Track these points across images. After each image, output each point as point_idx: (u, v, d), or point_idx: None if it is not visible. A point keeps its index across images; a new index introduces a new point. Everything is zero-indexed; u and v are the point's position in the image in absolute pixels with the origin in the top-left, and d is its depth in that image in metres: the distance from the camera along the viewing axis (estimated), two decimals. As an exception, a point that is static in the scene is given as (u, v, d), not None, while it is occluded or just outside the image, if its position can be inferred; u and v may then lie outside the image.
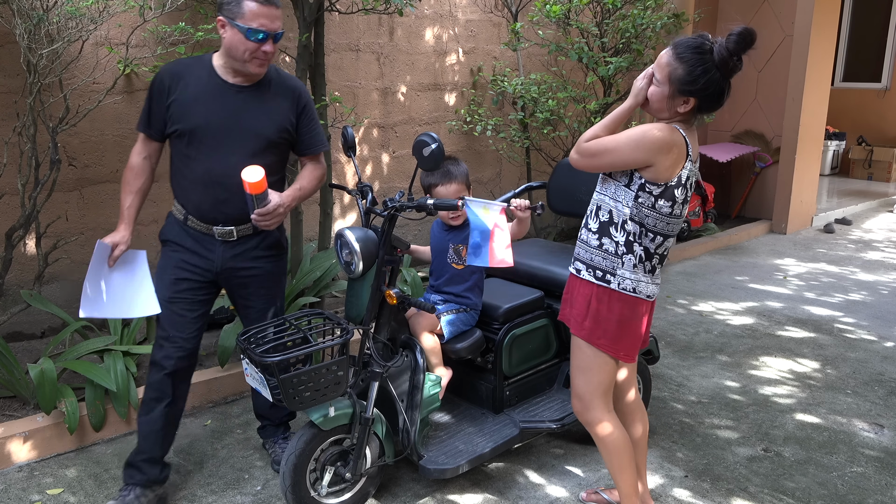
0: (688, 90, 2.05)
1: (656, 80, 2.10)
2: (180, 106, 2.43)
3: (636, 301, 2.21)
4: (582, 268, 2.26)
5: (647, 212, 2.12)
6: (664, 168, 2.07)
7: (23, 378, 3.19)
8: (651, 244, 2.18)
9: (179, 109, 2.43)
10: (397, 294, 2.46)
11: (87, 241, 4.09)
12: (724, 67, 2.03)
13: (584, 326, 2.24)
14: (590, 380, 2.29)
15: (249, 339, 2.39)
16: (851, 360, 4.04)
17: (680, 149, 2.08)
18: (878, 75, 10.16)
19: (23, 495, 2.75)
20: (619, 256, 2.17)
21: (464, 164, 2.83)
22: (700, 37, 2.07)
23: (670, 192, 2.11)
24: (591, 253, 2.23)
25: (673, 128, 2.09)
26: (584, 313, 2.24)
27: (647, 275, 2.20)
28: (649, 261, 2.20)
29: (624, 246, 2.16)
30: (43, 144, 3.62)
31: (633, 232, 2.15)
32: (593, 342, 2.23)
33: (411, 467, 2.81)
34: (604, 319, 2.21)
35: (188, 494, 2.75)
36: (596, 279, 2.21)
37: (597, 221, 2.22)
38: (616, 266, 2.18)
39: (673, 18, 5.00)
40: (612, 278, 2.18)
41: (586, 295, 2.23)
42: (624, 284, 2.18)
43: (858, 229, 7.42)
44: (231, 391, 3.54)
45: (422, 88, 5.47)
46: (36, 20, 3.04)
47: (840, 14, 8.20)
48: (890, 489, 2.81)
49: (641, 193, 2.11)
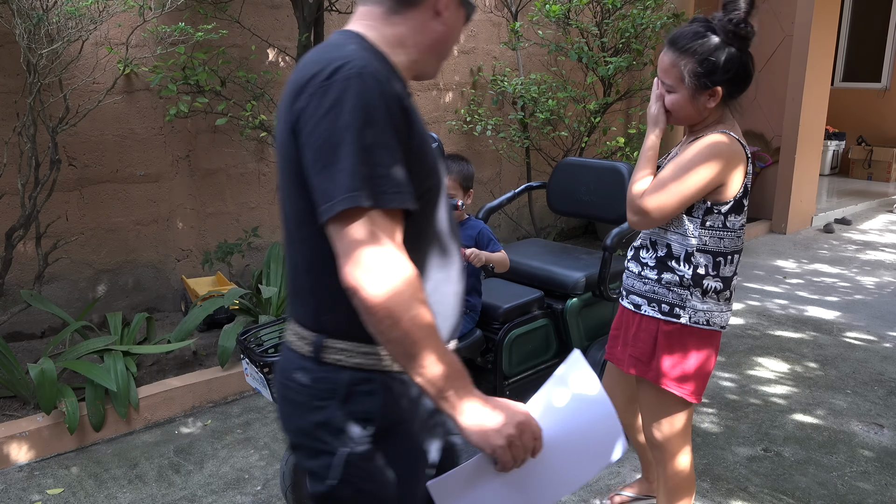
0: (709, 81, 1.83)
1: (669, 88, 1.89)
2: (425, 145, 1.27)
3: (710, 334, 1.97)
4: (642, 302, 2.02)
5: (721, 234, 1.91)
6: (732, 182, 1.88)
7: (23, 378, 3.19)
8: (729, 270, 1.95)
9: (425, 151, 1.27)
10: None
11: (86, 241, 4.09)
12: (737, 38, 1.80)
13: (651, 367, 2.01)
14: (673, 424, 2.04)
15: (249, 338, 2.39)
16: (851, 360, 4.04)
17: (740, 155, 1.88)
18: (878, 75, 10.16)
19: (23, 495, 2.75)
20: (686, 288, 1.94)
21: (470, 166, 2.78)
22: (694, 21, 1.87)
23: (739, 205, 1.91)
24: (652, 285, 2.00)
25: (726, 135, 1.87)
26: (649, 353, 2.01)
27: (720, 304, 1.97)
28: (727, 289, 1.96)
29: (691, 279, 1.94)
30: (43, 144, 3.62)
31: (706, 265, 1.93)
32: (662, 384, 2.00)
33: (411, 467, 2.81)
34: (677, 359, 1.97)
35: (188, 494, 2.75)
36: (662, 314, 1.97)
37: (653, 256, 2.01)
38: (686, 298, 1.94)
39: (673, 18, 5.00)
40: (681, 312, 1.95)
41: (651, 332, 2.00)
42: (696, 318, 1.95)
43: (858, 229, 7.41)
44: (231, 391, 3.54)
45: (422, 88, 5.47)
46: (36, 20, 3.04)
47: (840, 14, 8.20)
48: (890, 489, 2.81)
49: (709, 217, 1.90)
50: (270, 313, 3.76)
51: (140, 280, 4.32)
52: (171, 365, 3.65)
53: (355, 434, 1.26)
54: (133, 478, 2.87)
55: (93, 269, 4.14)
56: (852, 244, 6.80)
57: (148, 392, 3.29)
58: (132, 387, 3.19)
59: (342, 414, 1.26)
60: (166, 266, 4.40)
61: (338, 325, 1.26)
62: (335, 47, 1.22)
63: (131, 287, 4.29)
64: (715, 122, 1.94)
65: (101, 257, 4.16)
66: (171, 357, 3.70)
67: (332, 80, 1.14)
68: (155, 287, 4.39)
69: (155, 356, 3.67)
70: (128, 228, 4.22)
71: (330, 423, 1.26)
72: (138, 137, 4.16)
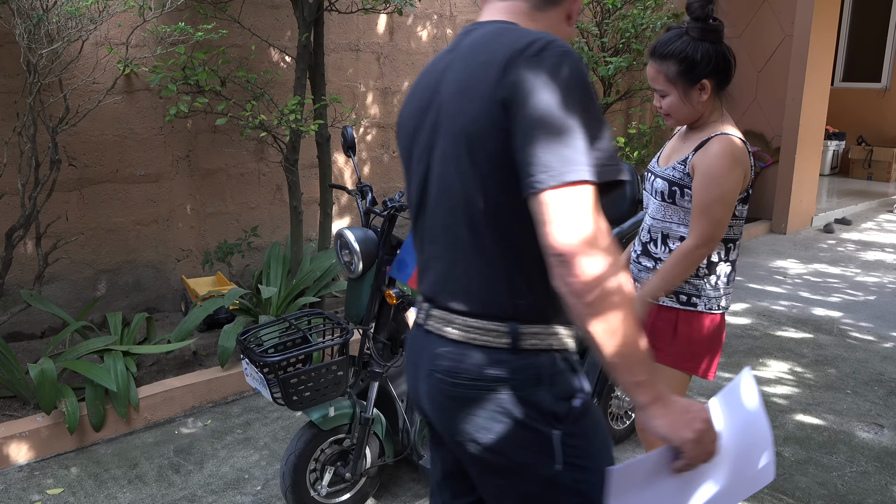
0: (693, 76, 1.96)
1: (661, 93, 2.02)
2: None
3: (721, 317, 2.14)
4: None
5: (731, 222, 2.05)
6: (745, 178, 2.01)
7: (23, 378, 3.19)
8: (735, 254, 2.11)
9: None
10: (397, 294, 2.46)
11: (86, 241, 4.09)
12: (706, 33, 1.94)
13: (669, 353, 2.13)
14: None
15: (249, 339, 2.39)
16: (851, 360, 4.04)
17: (746, 152, 2.01)
18: (878, 75, 10.16)
19: (23, 495, 2.75)
20: (702, 277, 2.08)
21: None
22: (669, 29, 2.01)
23: (747, 195, 2.06)
24: None
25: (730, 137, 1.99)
26: (668, 340, 2.13)
27: (727, 287, 2.13)
28: (734, 272, 2.13)
29: (706, 268, 2.08)
30: (43, 144, 3.62)
31: (718, 252, 2.08)
32: (681, 367, 2.13)
33: (411, 467, 2.81)
34: (695, 343, 2.11)
35: (188, 494, 2.75)
36: (680, 304, 2.10)
37: (666, 250, 2.13)
38: (701, 288, 2.09)
39: (673, 18, 4.99)
40: (698, 300, 2.09)
41: (670, 320, 2.12)
42: (710, 305, 2.10)
43: (858, 229, 7.41)
44: (231, 391, 3.54)
45: (422, 88, 5.47)
46: (36, 20, 3.03)
47: (840, 14, 8.20)
48: (890, 489, 2.81)
49: None
50: (270, 313, 3.76)
51: (140, 280, 4.32)
52: (171, 365, 3.65)
53: (564, 414, 1.26)
54: (133, 478, 2.87)
55: (93, 269, 4.14)
56: (852, 244, 6.79)
57: (148, 392, 3.29)
58: (132, 387, 3.19)
59: (550, 397, 1.25)
60: (166, 266, 4.40)
61: (531, 309, 1.25)
62: (515, 30, 1.24)
63: (131, 287, 4.29)
64: (714, 121, 2.05)
65: (101, 257, 4.16)
66: (171, 357, 3.70)
67: (543, 54, 1.16)
68: (155, 287, 4.38)
69: (155, 356, 3.66)
70: (128, 228, 4.22)
71: (540, 408, 1.25)
72: (138, 137, 4.16)
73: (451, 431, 1.31)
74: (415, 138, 1.36)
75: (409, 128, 1.38)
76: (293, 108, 3.68)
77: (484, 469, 1.31)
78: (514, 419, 1.25)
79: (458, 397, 1.28)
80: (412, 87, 1.41)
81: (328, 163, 4.16)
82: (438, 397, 1.31)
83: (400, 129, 1.42)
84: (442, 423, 1.33)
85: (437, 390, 1.31)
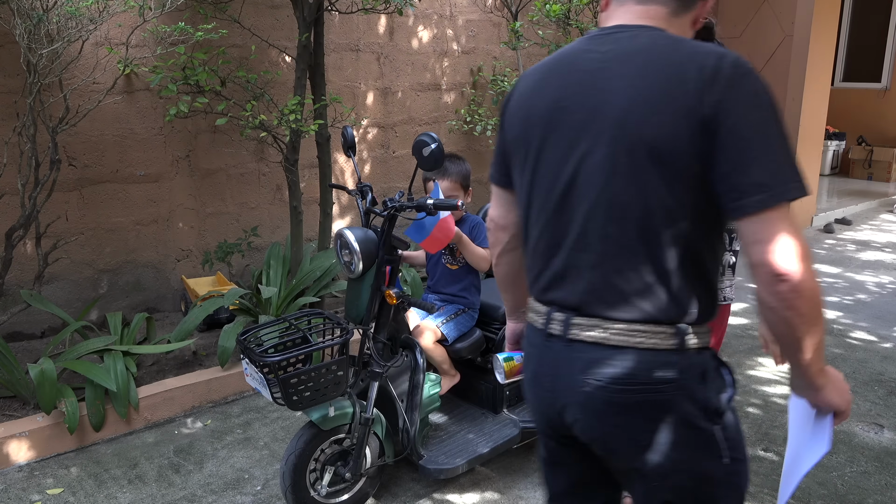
0: None
1: None
2: None
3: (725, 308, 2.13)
4: None
5: None
6: None
7: (23, 378, 3.19)
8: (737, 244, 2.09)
9: None
10: (397, 294, 2.46)
11: (86, 241, 4.09)
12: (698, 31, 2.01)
13: None
14: None
15: (249, 338, 2.39)
16: (851, 360, 4.04)
17: None
18: (878, 75, 10.15)
19: (23, 495, 2.75)
20: None
21: (466, 164, 2.83)
22: None
23: None
24: None
25: None
26: None
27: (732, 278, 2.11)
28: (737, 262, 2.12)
29: None
30: (43, 144, 3.62)
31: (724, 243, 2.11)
32: None
33: (411, 467, 2.81)
34: None
35: (188, 494, 2.75)
36: None
37: None
38: None
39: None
40: None
41: None
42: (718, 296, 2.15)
43: (858, 229, 7.41)
44: (231, 391, 3.54)
45: (421, 88, 5.47)
46: (36, 20, 3.04)
47: (840, 14, 8.19)
48: (890, 489, 2.81)
49: None
50: (270, 313, 3.76)
51: (140, 280, 4.32)
52: (171, 365, 3.65)
53: (724, 408, 1.32)
54: (133, 478, 2.87)
55: (93, 269, 4.14)
56: (852, 244, 6.79)
57: (148, 392, 3.29)
58: (132, 387, 3.19)
59: (713, 393, 1.31)
60: (166, 266, 4.40)
61: (699, 312, 1.30)
62: (686, 41, 1.27)
63: (131, 287, 4.29)
64: None
65: (101, 257, 4.16)
66: (171, 357, 3.70)
67: (737, 72, 1.20)
68: (155, 287, 4.38)
69: (155, 356, 3.66)
70: (128, 228, 4.22)
71: (705, 405, 1.29)
72: (138, 137, 4.16)
73: (608, 438, 1.32)
74: (547, 134, 1.34)
75: (536, 119, 1.35)
76: (293, 108, 3.68)
77: (638, 471, 1.33)
78: (680, 418, 1.28)
79: (622, 403, 1.29)
80: (538, 78, 1.38)
81: (328, 163, 4.16)
82: (598, 405, 1.30)
83: (518, 116, 1.40)
84: (596, 430, 1.33)
85: (596, 398, 1.30)
